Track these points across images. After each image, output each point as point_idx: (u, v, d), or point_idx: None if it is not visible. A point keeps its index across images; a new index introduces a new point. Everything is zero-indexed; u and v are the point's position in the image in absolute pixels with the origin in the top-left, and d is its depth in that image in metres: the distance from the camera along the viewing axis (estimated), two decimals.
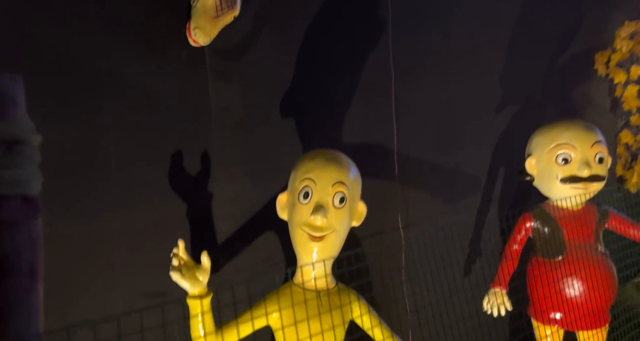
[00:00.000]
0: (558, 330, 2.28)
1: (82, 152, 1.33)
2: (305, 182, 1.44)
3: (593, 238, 2.21)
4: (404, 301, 2.13)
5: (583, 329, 2.21)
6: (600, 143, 2.18)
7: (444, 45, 2.46)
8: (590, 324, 2.18)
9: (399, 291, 2.13)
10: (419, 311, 2.19)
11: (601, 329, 2.25)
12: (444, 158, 2.50)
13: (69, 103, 1.31)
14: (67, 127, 1.31)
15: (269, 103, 1.73)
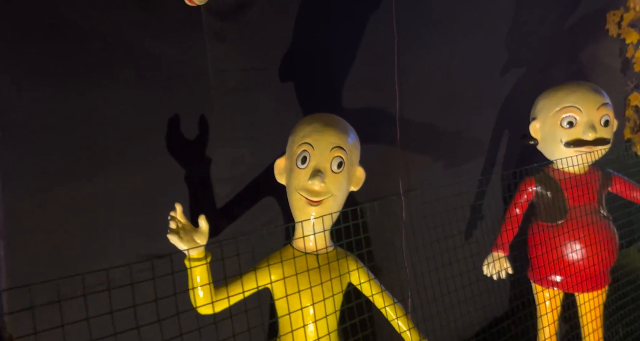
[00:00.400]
0: (558, 292, 2.31)
1: (77, 113, 1.31)
2: (303, 147, 1.43)
3: (596, 202, 2.21)
4: (403, 266, 2.15)
5: (582, 291, 2.24)
6: (607, 106, 2.14)
7: (448, 5, 2.39)
8: (589, 286, 2.20)
9: (400, 256, 2.15)
10: (419, 276, 2.22)
11: (600, 291, 2.27)
12: (446, 122, 2.47)
13: (64, 64, 1.29)
14: (63, 87, 1.29)
15: (268, 65, 1.69)
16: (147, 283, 0.91)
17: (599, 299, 2.28)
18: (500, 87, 2.80)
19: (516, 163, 2.89)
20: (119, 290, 0.89)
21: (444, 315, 2.34)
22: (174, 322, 0.95)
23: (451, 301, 2.39)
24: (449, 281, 2.34)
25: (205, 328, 1.02)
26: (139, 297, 0.93)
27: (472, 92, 2.61)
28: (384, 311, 1.53)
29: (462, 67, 2.51)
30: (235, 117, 1.61)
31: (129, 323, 0.89)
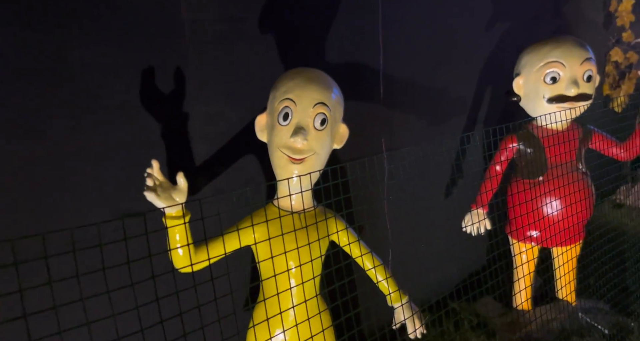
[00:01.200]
0: (534, 246, 2.36)
1: (47, 66, 1.23)
2: (284, 103, 1.37)
3: (575, 158, 2.23)
4: (385, 224, 2.16)
5: (558, 245, 2.29)
6: (590, 61, 2.12)
7: None
8: (565, 240, 2.25)
9: (381, 215, 2.15)
10: (400, 234, 2.23)
11: (575, 245, 2.33)
12: (430, 78, 2.42)
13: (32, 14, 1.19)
14: (31, 38, 1.20)
15: (248, 16, 1.60)
16: (121, 242, 0.86)
17: (573, 253, 2.35)
18: (485, 41, 2.75)
19: (498, 120, 2.87)
20: (94, 251, 0.84)
21: (424, 273, 2.39)
22: (150, 286, 0.91)
23: (432, 259, 2.44)
24: (429, 239, 2.38)
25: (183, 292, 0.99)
26: (114, 258, 0.89)
27: (456, 47, 2.55)
28: (370, 272, 1.53)
29: (446, 21, 2.44)
30: (213, 71, 1.53)
31: (101, 287, 0.85)
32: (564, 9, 3.36)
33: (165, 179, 1.23)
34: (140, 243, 0.93)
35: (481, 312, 2.42)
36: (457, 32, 2.52)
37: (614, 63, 3.85)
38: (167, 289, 0.98)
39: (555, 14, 3.29)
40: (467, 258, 2.63)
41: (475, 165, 2.48)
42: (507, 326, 2.31)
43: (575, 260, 2.38)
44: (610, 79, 3.89)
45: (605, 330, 2.26)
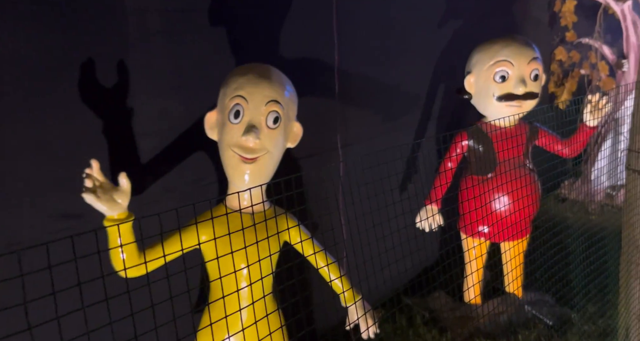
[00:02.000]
0: (484, 242, 2.41)
1: None
2: (235, 100, 1.31)
3: (523, 155, 2.28)
4: (340, 222, 2.14)
5: (506, 240, 2.36)
6: (537, 60, 2.18)
7: None
8: (512, 235, 2.31)
9: (336, 212, 2.13)
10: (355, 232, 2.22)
11: (522, 240, 2.40)
12: (385, 74, 2.42)
13: None
14: None
15: (196, 7, 1.52)
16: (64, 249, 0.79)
17: (520, 247, 2.42)
18: (438, 39, 2.78)
19: (451, 116, 2.92)
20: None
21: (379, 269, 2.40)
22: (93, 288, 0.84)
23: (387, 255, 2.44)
24: (385, 237, 2.38)
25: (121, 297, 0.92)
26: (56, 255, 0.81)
27: (410, 45, 2.56)
28: (322, 271, 1.51)
29: (401, 17, 2.44)
30: (160, 64, 1.45)
31: (46, 289, 0.78)
32: (512, 7, 3.44)
33: (106, 180, 1.15)
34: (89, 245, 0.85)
35: (433, 307, 2.46)
36: (410, 28, 2.53)
37: (559, 61, 3.99)
38: (114, 290, 0.91)
39: (504, 13, 3.37)
40: (422, 254, 2.66)
41: (430, 161, 2.51)
42: (458, 320, 2.35)
43: (523, 255, 2.45)
44: (555, 77, 4.04)
45: (549, 322, 2.34)
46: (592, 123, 2.18)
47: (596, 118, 2.16)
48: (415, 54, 2.62)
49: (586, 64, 3.92)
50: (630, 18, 3.68)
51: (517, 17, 3.49)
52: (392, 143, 2.49)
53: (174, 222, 1.20)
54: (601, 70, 3.85)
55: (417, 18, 2.57)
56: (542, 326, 2.32)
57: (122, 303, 0.87)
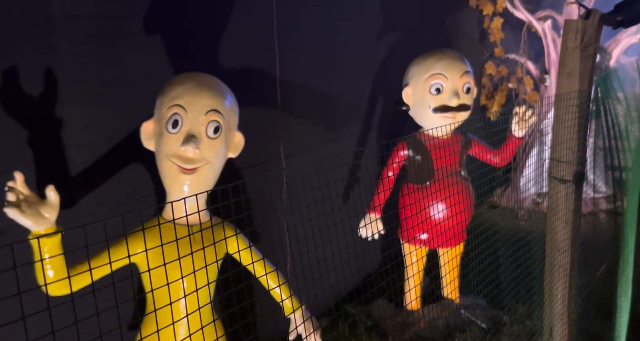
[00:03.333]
0: (422, 248, 2.49)
1: None
2: (173, 109, 1.28)
3: (458, 164, 2.38)
4: (284, 230, 2.13)
5: (443, 246, 2.44)
6: (469, 74, 2.29)
7: None
8: (448, 241, 2.40)
9: (280, 221, 2.12)
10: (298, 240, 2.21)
11: (458, 246, 2.50)
12: (327, 85, 2.45)
13: None
14: None
15: (132, 13, 1.48)
16: None
17: (456, 252, 2.52)
18: (377, 51, 2.85)
19: (390, 127, 2.99)
20: None
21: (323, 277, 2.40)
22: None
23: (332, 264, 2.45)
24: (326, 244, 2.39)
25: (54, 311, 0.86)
26: None
27: (350, 56, 2.61)
28: (263, 279, 1.49)
29: (341, 29, 2.49)
30: (92, 72, 1.39)
31: None
32: (445, 23, 3.60)
33: (31, 193, 1.08)
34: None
35: (375, 314, 2.50)
36: (351, 40, 2.58)
37: (489, 75, 4.22)
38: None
39: (439, 28, 3.52)
40: (364, 261, 2.70)
41: (372, 170, 2.56)
42: (398, 326, 2.40)
43: (458, 259, 2.55)
44: (486, 90, 4.26)
45: (483, 324, 2.44)
46: (518, 134, 2.31)
47: (522, 129, 2.30)
48: (356, 65, 2.67)
49: (513, 78, 4.16)
50: (550, 36, 3.95)
51: (451, 32, 3.65)
52: (334, 152, 2.54)
53: (108, 235, 1.15)
54: (527, 84, 4.11)
55: (357, 30, 2.63)
56: (477, 329, 2.42)
57: (50, 321, 0.82)
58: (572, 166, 1.53)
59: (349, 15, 2.54)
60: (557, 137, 1.65)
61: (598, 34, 1.49)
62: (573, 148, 1.57)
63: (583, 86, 1.55)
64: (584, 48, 1.44)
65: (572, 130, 1.57)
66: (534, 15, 3.98)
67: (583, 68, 1.51)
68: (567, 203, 1.63)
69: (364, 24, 2.71)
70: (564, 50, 1.57)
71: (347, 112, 2.66)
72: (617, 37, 3.98)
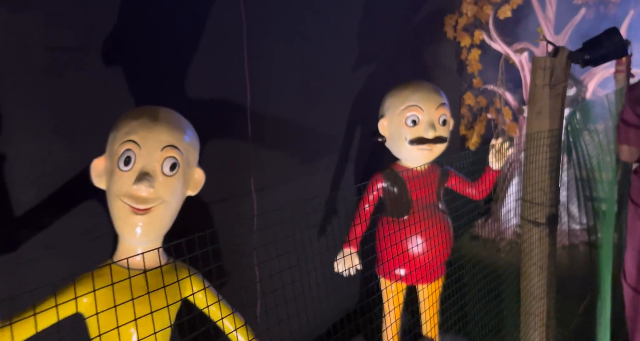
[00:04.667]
0: (401, 284, 2.40)
1: None
2: (126, 145, 1.20)
3: (435, 197, 2.32)
4: (253, 266, 2.03)
5: (421, 282, 2.35)
6: (444, 106, 2.26)
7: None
8: (427, 278, 2.31)
9: (250, 257, 2.03)
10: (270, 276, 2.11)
11: (437, 281, 2.40)
12: (301, 116, 2.39)
13: None
14: None
15: (87, 44, 1.41)
16: None
17: (434, 287, 2.42)
18: (353, 82, 2.82)
19: (369, 158, 2.94)
20: None
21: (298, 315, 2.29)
22: None
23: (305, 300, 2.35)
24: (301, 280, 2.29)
25: None
26: None
27: (325, 86, 2.57)
28: (221, 324, 1.37)
29: (315, 60, 2.46)
30: (41, 105, 1.30)
31: None
32: (423, 54, 3.61)
33: None
34: None
35: None
36: (326, 71, 2.54)
37: (468, 106, 4.23)
38: None
39: (416, 59, 3.52)
40: (342, 296, 2.60)
41: (350, 202, 2.48)
42: None
43: (437, 294, 2.46)
44: (465, 120, 4.26)
45: None
46: (496, 166, 2.27)
47: (499, 161, 2.25)
48: (332, 95, 2.63)
49: (492, 109, 4.18)
50: (527, 68, 3.99)
51: (429, 63, 3.67)
52: (310, 186, 2.46)
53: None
54: (505, 115, 4.12)
55: (332, 61, 2.60)
56: None
57: None
58: (545, 208, 1.47)
59: (324, 46, 2.51)
60: (529, 178, 1.59)
61: (566, 72, 1.46)
62: (545, 189, 1.51)
63: (554, 125, 1.51)
64: (553, 86, 1.40)
65: (543, 170, 1.52)
66: (511, 47, 4.02)
67: (553, 106, 1.47)
68: (541, 248, 1.56)
69: (341, 54, 2.68)
70: (533, 88, 1.54)
71: (322, 143, 2.60)
72: (592, 71, 4.04)
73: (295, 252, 2.21)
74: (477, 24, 3.97)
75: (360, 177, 2.43)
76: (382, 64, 3.03)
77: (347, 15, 2.69)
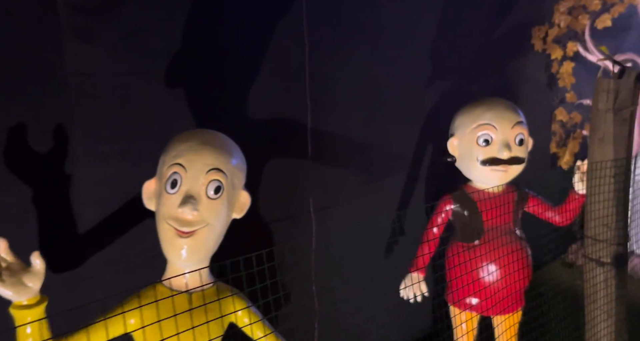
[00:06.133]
0: (474, 315, 2.25)
1: None
2: (173, 168, 1.23)
3: (511, 222, 2.16)
4: (312, 292, 2.00)
5: (497, 314, 2.19)
6: (521, 125, 2.10)
7: (369, 13, 2.25)
8: (504, 309, 2.14)
9: (308, 281, 2.00)
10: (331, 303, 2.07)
11: (515, 314, 2.22)
12: (366, 133, 2.34)
13: None
14: None
15: (149, 68, 1.48)
16: None
17: (513, 320, 2.23)
18: (426, 98, 2.71)
19: (441, 178, 2.81)
20: None
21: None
22: None
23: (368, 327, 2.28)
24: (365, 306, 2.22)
25: None
26: None
27: (395, 103, 2.50)
28: None
29: (384, 75, 2.39)
30: (106, 129, 1.38)
31: None
32: (507, 68, 3.40)
33: (16, 259, 1.05)
34: None
35: None
36: (395, 87, 2.47)
37: (560, 122, 3.91)
38: None
39: (499, 73, 3.32)
40: (409, 325, 2.49)
41: (419, 223, 2.38)
42: None
43: (515, 329, 2.27)
44: (557, 137, 3.94)
45: None
46: (582, 192, 2.05)
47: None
48: (401, 113, 2.55)
49: (588, 125, 3.82)
50: None
51: (514, 77, 3.44)
52: (375, 205, 2.39)
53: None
54: None
55: (403, 77, 2.52)
56: None
57: None
58: (610, 246, 1.28)
59: (394, 60, 2.45)
60: (591, 212, 1.41)
61: (635, 95, 1.27)
62: (610, 225, 1.32)
63: (619, 154, 1.32)
64: (618, 111, 1.23)
65: (608, 204, 1.33)
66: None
67: (618, 133, 1.29)
68: (607, 291, 1.36)
69: (412, 69, 2.60)
70: (595, 112, 1.36)
71: (390, 162, 2.52)
72: None
73: (357, 274, 2.16)
74: (571, 35, 3.67)
75: (430, 199, 2.31)
76: (460, 79, 2.90)
77: (421, 28, 2.60)
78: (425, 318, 2.56)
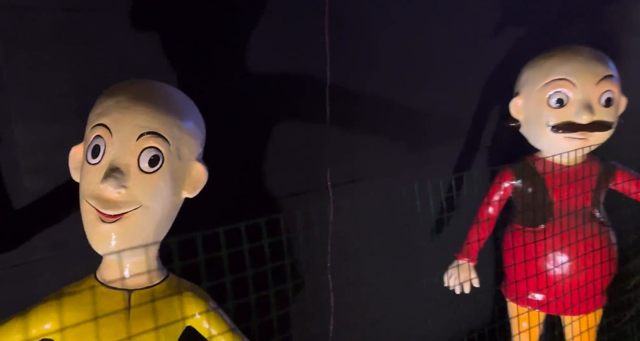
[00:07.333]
0: (538, 313, 1.92)
1: None
2: (96, 130, 0.94)
3: (590, 202, 1.80)
4: (326, 281, 1.71)
5: (568, 313, 1.84)
6: (611, 79, 1.69)
7: None
8: (578, 308, 1.81)
9: (323, 269, 1.71)
10: (347, 293, 1.77)
11: (593, 313, 1.88)
12: (406, 94, 1.95)
13: None
14: None
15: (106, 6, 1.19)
16: None
17: (589, 322, 1.87)
18: (492, 49, 2.24)
19: (507, 147, 2.35)
20: None
21: None
22: None
23: (393, 325, 1.98)
24: (390, 299, 1.92)
25: None
26: None
27: (451, 56, 2.07)
28: None
29: (431, 18, 1.96)
30: (52, 79, 1.12)
31: None
32: (604, 8, 2.77)
33: None
34: None
35: None
36: (449, 34, 2.04)
37: None
38: None
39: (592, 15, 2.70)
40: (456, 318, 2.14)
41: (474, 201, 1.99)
42: None
43: (593, 333, 1.92)
44: None
45: None
46: None
47: None
48: (459, 68, 2.12)
49: None
50: None
51: (610, 20, 2.80)
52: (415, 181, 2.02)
53: None
54: None
55: (461, 21, 2.07)
56: None
57: None
58: None
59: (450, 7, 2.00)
60: None
61: None
62: None
63: None
64: None
65: None
66: None
67: None
68: None
69: (471, 10, 2.12)
70: None
71: (442, 128, 2.11)
72: None
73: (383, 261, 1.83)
74: None
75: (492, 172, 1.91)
76: (541, 24, 2.37)
77: None
78: (473, 313, 2.19)
